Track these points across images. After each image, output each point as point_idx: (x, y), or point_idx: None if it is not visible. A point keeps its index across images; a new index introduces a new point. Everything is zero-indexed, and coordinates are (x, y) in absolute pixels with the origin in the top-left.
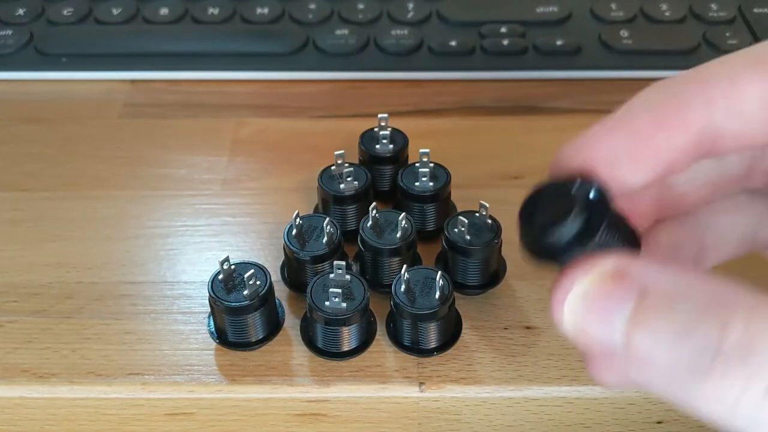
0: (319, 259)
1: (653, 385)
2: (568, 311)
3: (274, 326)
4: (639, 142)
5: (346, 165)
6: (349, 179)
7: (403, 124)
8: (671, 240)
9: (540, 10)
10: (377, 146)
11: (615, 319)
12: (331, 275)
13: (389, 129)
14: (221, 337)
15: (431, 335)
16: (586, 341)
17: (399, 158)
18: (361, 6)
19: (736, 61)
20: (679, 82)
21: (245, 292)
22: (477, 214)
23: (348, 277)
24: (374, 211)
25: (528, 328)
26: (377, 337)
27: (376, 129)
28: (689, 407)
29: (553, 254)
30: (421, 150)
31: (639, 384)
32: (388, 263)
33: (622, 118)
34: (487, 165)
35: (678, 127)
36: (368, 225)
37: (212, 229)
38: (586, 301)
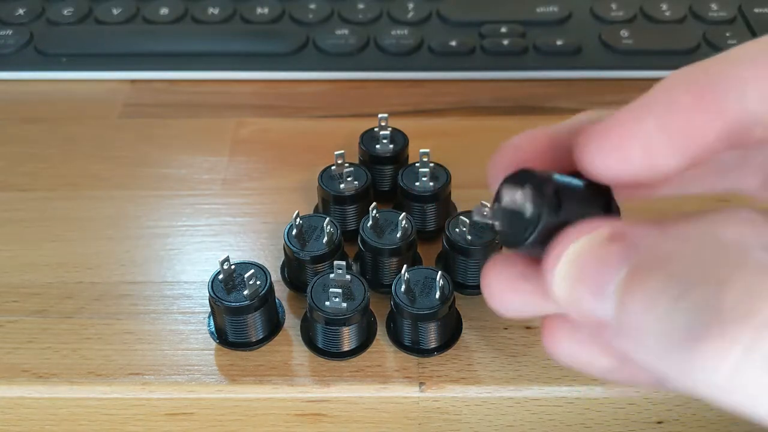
0: (319, 259)
1: (644, 355)
2: (560, 277)
3: (274, 326)
4: (677, 123)
5: (346, 165)
6: (349, 179)
7: (403, 124)
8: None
9: (540, 10)
10: (377, 146)
11: (608, 285)
12: (332, 275)
13: (389, 129)
14: (221, 337)
15: (431, 335)
16: (578, 310)
17: (399, 158)
18: (361, 6)
19: (761, 41)
20: (707, 65)
21: (245, 292)
22: None
23: (348, 277)
24: (374, 211)
25: (528, 328)
26: (377, 337)
27: (376, 129)
28: (683, 381)
29: (518, 243)
30: (421, 150)
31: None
32: (388, 263)
33: (652, 102)
34: (487, 165)
35: (714, 111)
36: (368, 225)
37: (212, 229)
38: (578, 265)
